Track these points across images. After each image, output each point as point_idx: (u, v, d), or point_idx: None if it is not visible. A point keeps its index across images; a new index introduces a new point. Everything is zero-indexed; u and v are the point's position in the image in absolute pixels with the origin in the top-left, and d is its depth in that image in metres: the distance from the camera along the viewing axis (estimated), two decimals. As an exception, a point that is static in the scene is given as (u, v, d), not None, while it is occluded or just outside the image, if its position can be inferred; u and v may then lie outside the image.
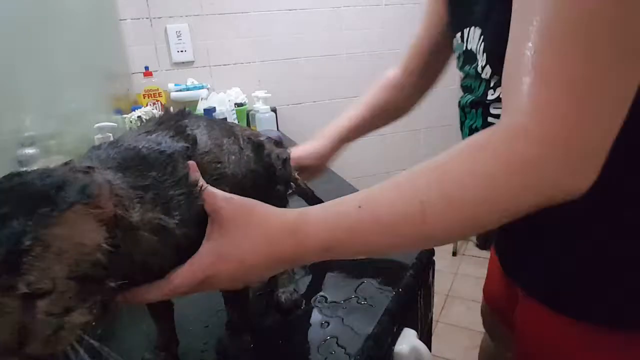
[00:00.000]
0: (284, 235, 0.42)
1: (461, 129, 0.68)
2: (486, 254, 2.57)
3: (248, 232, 0.42)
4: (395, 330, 0.66)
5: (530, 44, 0.37)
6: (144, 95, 1.78)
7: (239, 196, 0.45)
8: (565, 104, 0.36)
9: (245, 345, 0.60)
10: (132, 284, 0.43)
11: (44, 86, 0.79)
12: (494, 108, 0.57)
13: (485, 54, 0.56)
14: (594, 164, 0.37)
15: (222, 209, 0.43)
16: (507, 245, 0.67)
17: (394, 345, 0.64)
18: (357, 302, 0.70)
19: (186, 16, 1.90)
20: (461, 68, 0.65)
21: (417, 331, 0.70)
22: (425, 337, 0.84)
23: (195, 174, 0.46)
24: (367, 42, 2.21)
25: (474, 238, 2.65)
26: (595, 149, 0.37)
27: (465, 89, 0.64)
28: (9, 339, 0.33)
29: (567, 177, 0.37)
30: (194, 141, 0.51)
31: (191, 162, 0.47)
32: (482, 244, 2.61)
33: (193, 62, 1.95)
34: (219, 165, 0.52)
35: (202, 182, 0.46)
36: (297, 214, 0.43)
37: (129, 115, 1.48)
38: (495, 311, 0.80)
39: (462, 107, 0.65)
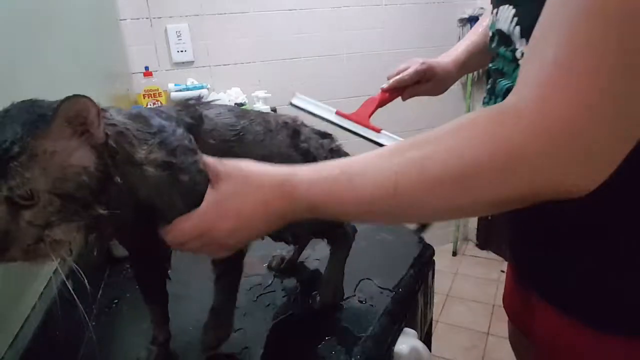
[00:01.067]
0: (273, 189, 0.45)
1: None
2: (486, 254, 2.56)
3: (243, 188, 0.46)
4: (395, 330, 0.66)
5: (554, 27, 0.34)
6: (144, 95, 1.78)
7: (231, 159, 0.48)
8: (573, 95, 0.33)
9: (221, 339, 0.60)
10: (139, 227, 0.47)
11: (44, 86, 0.79)
12: None
13: (524, 39, 0.52)
14: (599, 164, 0.34)
15: (220, 171, 0.47)
16: (522, 246, 0.64)
17: (394, 345, 0.64)
18: (357, 301, 0.70)
19: (186, 16, 1.90)
20: (495, 48, 0.60)
21: (417, 331, 0.70)
22: (425, 337, 0.84)
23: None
24: (367, 42, 2.21)
25: (474, 238, 2.65)
26: (604, 149, 0.34)
27: (497, 72, 0.59)
28: None
29: (560, 173, 0.34)
30: (200, 119, 0.55)
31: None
32: (482, 244, 2.61)
33: (193, 62, 1.95)
34: (226, 140, 0.56)
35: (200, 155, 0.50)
36: (287, 171, 0.46)
37: (129, 115, 1.47)
38: (516, 323, 0.78)
39: (497, 94, 0.60)
